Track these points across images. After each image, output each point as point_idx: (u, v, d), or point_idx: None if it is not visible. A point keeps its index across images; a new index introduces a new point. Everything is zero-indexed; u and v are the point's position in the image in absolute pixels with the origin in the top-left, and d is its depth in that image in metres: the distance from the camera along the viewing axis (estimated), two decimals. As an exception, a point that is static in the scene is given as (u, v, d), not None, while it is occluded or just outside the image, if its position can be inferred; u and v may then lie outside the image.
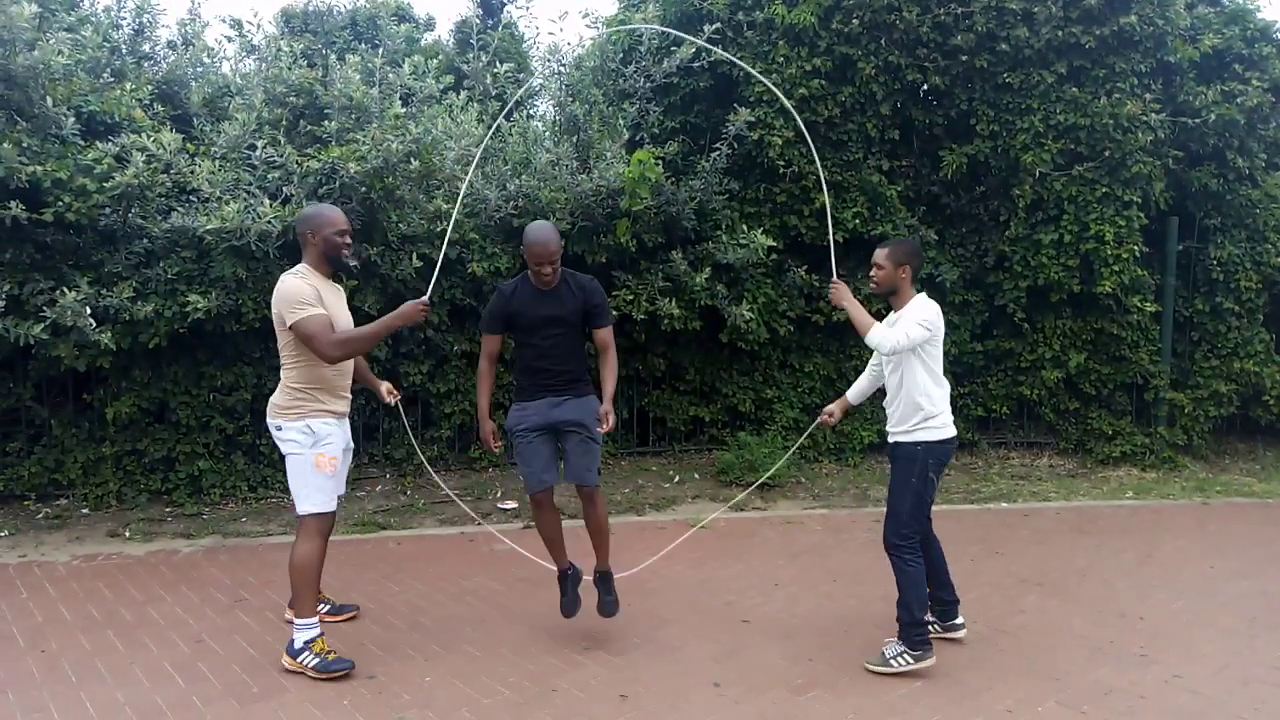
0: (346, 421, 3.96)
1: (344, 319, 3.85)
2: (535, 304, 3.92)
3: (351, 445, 4.08)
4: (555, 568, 4.12)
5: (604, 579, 4.09)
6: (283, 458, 3.83)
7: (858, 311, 3.83)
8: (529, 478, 3.92)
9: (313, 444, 3.73)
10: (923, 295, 3.88)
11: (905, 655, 3.79)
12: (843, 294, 3.91)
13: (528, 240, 3.83)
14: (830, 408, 4.35)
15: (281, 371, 3.80)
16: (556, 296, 3.94)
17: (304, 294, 3.61)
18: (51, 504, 5.92)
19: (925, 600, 3.89)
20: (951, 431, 3.89)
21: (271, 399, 3.83)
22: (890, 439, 3.97)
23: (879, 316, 3.94)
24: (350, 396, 3.98)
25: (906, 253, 3.86)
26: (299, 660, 3.71)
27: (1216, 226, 7.92)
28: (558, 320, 3.93)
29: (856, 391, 4.34)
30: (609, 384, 3.97)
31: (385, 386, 4.32)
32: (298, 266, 3.78)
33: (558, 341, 3.95)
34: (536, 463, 3.92)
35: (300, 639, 3.73)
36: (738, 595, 4.73)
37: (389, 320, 3.72)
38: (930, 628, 4.00)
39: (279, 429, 3.77)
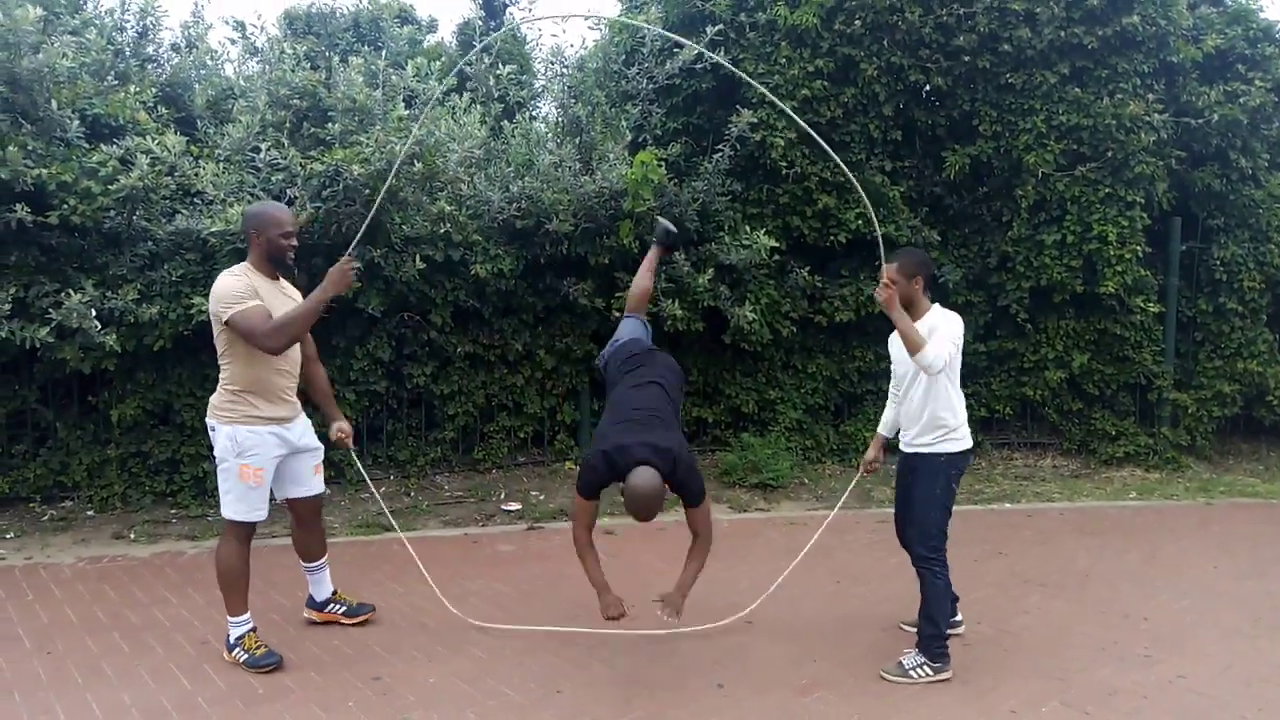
0: (296, 423, 3.91)
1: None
2: None
3: (314, 445, 4.03)
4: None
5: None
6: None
7: (907, 325, 3.64)
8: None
9: (237, 454, 3.71)
10: (938, 307, 3.86)
11: (926, 667, 3.76)
12: (893, 303, 3.66)
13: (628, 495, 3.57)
14: (869, 455, 4.27)
15: (222, 370, 3.77)
16: None
17: (237, 289, 3.60)
18: (57, 506, 5.94)
19: (949, 613, 3.88)
20: (970, 441, 3.90)
21: (211, 398, 3.82)
22: (908, 449, 3.94)
23: (887, 327, 3.91)
24: (294, 400, 3.92)
25: (915, 263, 3.85)
26: (232, 655, 3.79)
27: (1220, 227, 7.91)
28: None
29: (888, 425, 4.25)
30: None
31: (338, 426, 4.14)
32: (236, 266, 3.77)
33: None
34: None
35: (233, 635, 3.81)
36: (741, 596, 4.73)
37: (318, 292, 3.61)
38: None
39: (213, 429, 3.77)
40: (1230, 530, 6.14)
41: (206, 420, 3.83)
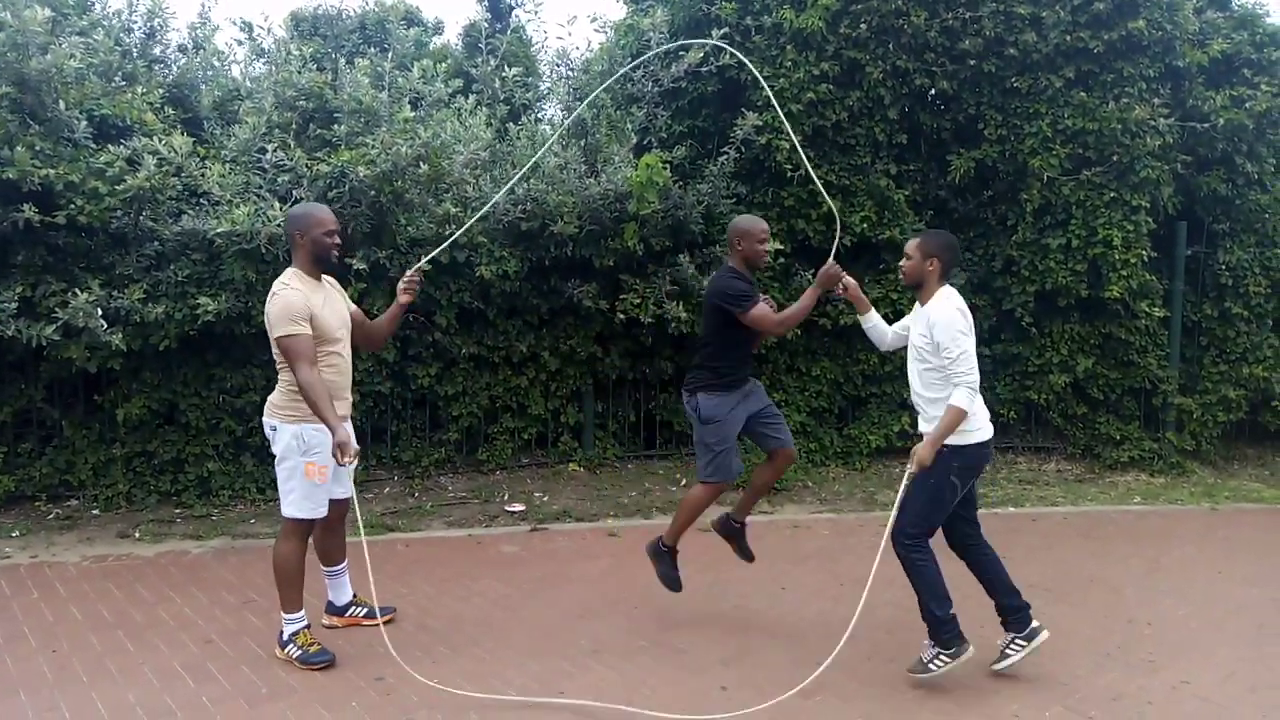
0: (347, 423, 3.97)
1: (338, 316, 3.88)
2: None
3: (356, 447, 4.09)
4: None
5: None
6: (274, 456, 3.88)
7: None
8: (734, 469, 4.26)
9: (303, 452, 3.77)
10: (946, 290, 3.74)
11: (940, 656, 3.69)
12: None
13: (752, 225, 4.28)
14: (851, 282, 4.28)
15: (279, 372, 3.83)
16: None
17: (294, 309, 3.64)
18: (62, 505, 5.96)
19: (944, 595, 3.69)
20: (984, 435, 3.73)
21: (270, 398, 3.88)
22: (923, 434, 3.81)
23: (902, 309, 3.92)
24: (350, 399, 4.01)
25: (937, 245, 3.73)
26: (285, 651, 3.85)
27: (1225, 231, 7.90)
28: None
29: (881, 329, 4.27)
30: None
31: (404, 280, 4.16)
32: (287, 273, 3.79)
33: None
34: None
35: (287, 631, 3.86)
36: (745, 599, 4.73)
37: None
38: (1014, 644, 3.82)
39: (274, 429, 3.82)
40: (1235, 536, 6.13)
41: (265, 420, 3.87)
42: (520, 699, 3.56)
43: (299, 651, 3.81)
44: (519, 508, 6.37)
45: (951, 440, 3.63)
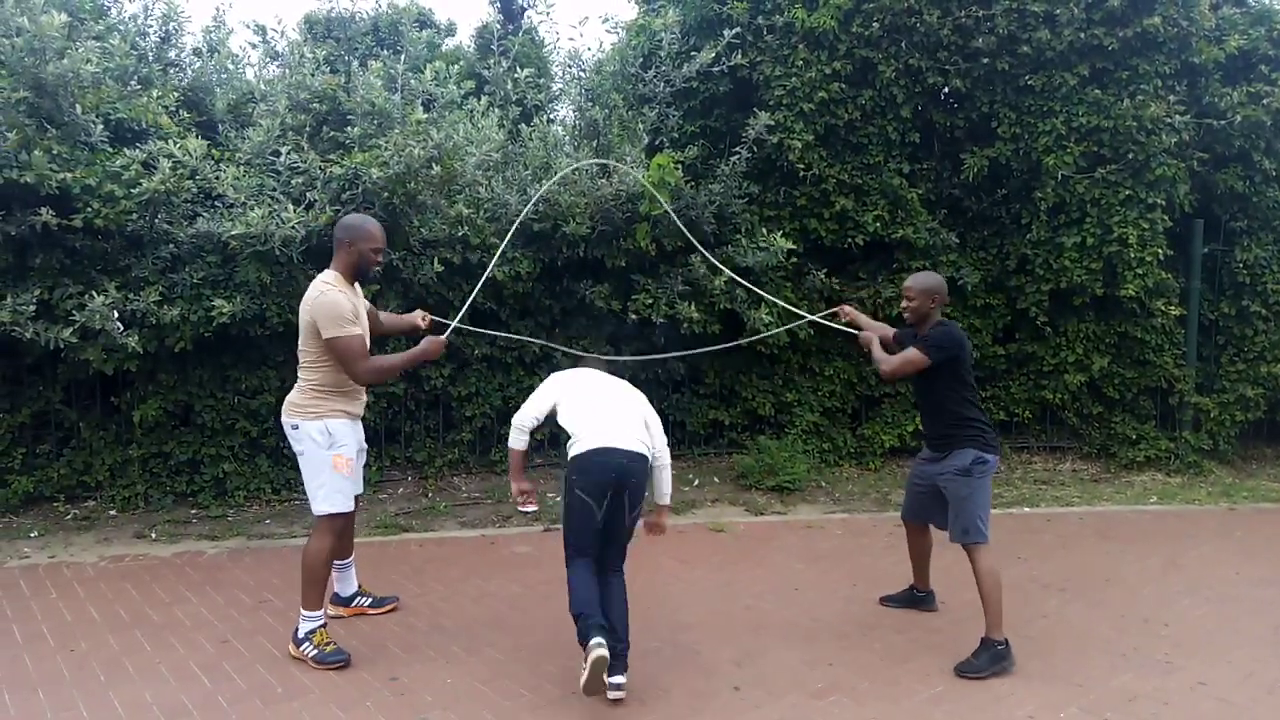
0: (360, 422, 4.07)
1: (365, 321, 3.97)
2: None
3: (365, 446, 4.18)
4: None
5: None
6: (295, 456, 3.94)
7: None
8: None
9: (330, 445, 3.83)
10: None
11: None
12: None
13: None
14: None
15: (301, 371, 3.88)
16: None
17: (344, 310, 3.73)
18: (80, 505, 6.01)
19: (583, 600, 3.52)
20: (583, 446, 3.67)
21: (288, 398, 3.92)
22: None
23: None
24: (365, 399, 4.10)
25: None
26: (301, 649, 3.86)
27: (1243, 229, 7.83)
28: None
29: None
30: None
31: (417, 312, 4.49)
32: (328, 274, 3.85)
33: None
34: None
35: (304, 629, 3.87)
36: (757, 599, 4.73)
37: (414, 354, 3.91)
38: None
39: (295, 427, 3.86)
40: (1253, 536, 6.08)
41: (284, 420, 3.90)
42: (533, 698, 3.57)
43: (314, 650, 3.83)
44: (532, 508, 6.36)
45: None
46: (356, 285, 4.02)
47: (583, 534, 3.65)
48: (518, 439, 3.90)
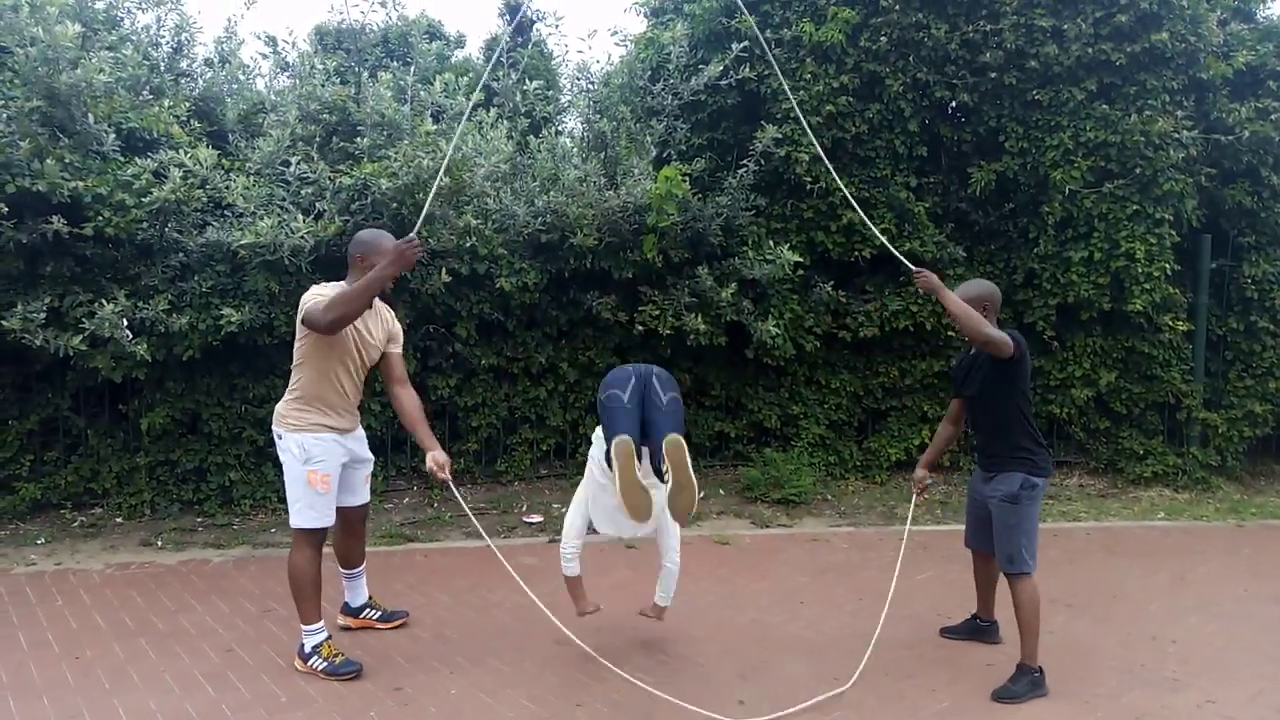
0: (354, 435, 4.03)
1: (372, 334, 3.94)
2: None
3: (368, 457, 4.16)
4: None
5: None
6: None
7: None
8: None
9: (305, 460, 3.81)
10: None
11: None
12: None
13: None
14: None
15: (290, 381, 3.88)
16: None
17: (323, 291, 3.70)
18: (87, 512, 6.03)
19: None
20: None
21: (277, 406, 3.93)
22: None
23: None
24: (355, 414, 4.04)
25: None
26: (309, 664, 3.83)
27: (1251, 244, 7.81)
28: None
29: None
30: None
31: (432, 456, 3.87)
32: (329, 284, 3.85)
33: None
34: None
35: (309, 644, 3.85)
36: (762, 612, 4.72)
37: (375, 271, 3.54)
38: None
39: (279, 436, 3.87)
40: (1261, 553, 6.04)
41: (273, 428, 3.91)
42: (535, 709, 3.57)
43: (324, 664, 3.81)
44: (537, 519, 6.38)
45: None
46: (376, 301, 3.96)
47: (615, 415, 3.71)
48: (569, 568, 4.10)
